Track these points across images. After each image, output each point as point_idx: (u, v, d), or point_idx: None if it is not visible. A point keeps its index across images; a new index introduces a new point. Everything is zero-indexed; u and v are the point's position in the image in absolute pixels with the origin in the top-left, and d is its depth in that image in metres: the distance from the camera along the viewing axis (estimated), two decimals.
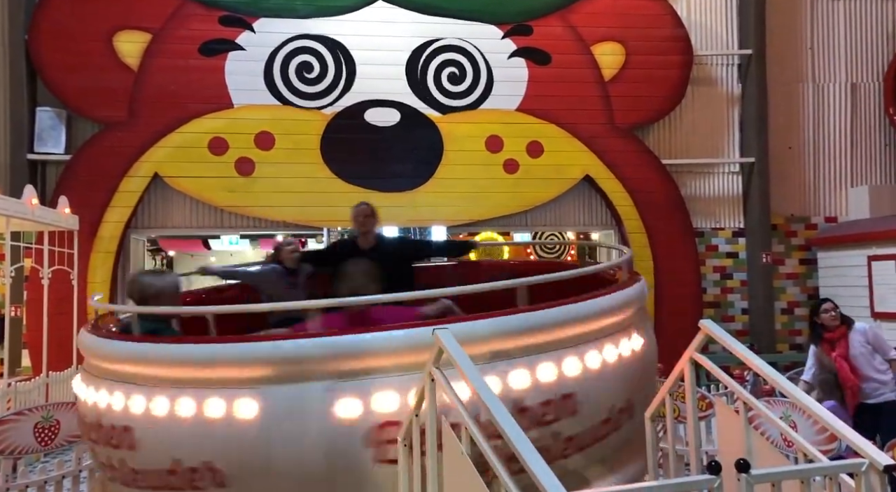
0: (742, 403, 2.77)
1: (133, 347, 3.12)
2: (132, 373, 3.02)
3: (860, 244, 9.02)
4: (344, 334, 2.89)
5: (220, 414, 2.75)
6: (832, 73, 10.12)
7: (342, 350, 2.76)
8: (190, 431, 2.78)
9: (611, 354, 3.10)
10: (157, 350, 3.00)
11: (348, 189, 8.71)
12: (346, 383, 2.71)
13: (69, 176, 8.29)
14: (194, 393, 2.80)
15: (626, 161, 9.18)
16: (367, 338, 2.80)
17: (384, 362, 2.74)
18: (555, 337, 2.93)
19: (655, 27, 9.36)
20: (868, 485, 2.09)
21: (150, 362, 2.98)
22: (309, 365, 2.75)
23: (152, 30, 8.53)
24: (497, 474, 1.94)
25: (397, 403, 2.67)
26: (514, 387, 2.76)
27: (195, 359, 2.90)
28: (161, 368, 2.94)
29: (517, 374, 2.78)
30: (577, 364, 2.94)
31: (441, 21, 9.09)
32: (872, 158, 10.12)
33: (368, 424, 2.67)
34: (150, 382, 2.93)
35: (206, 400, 2.77)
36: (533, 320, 2.90)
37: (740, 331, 9.40)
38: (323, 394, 2.69)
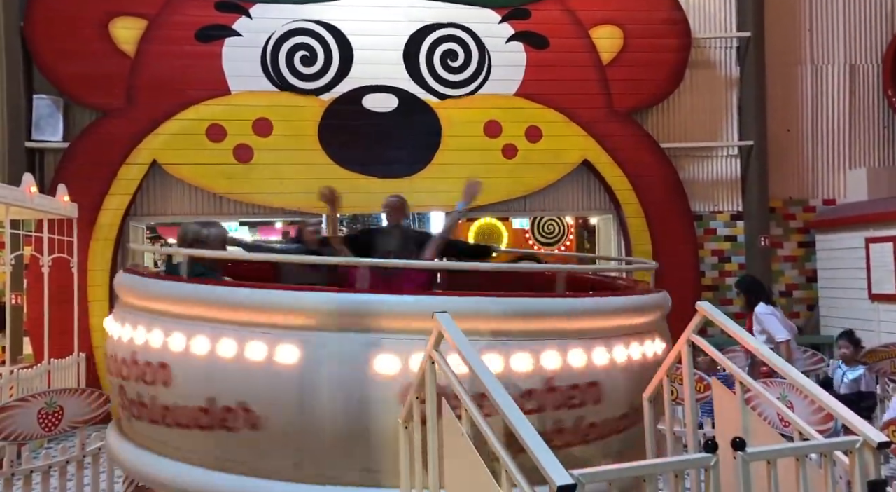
0: (738, 383, 2.80)
1: (181, 287, 3.27)
2: (176, 312, 3.16)
3: (858, 226, 9.04)
4: (383, 295, 3.02)
5: (260, 358, 2.88)
6: (831, 54, 10.09)
7: (383, 309, 2.92)
8: (229, 370, 2.90)
9: (636, 352, 3.23)
10: (205, 291, 3.16)
11: (347, 175, 8.71)
12: (387, 339, 2.84)
13: (67, 164, 8.27)
14: (236, 335, 2.94)
15: (624, 145, 9.17)
16: (408, 300, 2.99)
17: (421, 325, 2.79)
18: (585, 326, 3.15)
19: (654, 10, 9.31)
20: (862, 461, 2.12)
21: (195, 303, 3.14)
22: (350, 319, 2.89)
23: (148, 16, 8.48)
24: (497, 455, 1.97)
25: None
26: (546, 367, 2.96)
27: (241, 302, 3.04)
28: (206, 308, 3.09)
29: (549, 354, 2.99)
30: (605, 355, 3.12)
31: (438, 6, 9.03)
32: (871, 140, 10.11)
33: (402, 382, 2.76)
34: (193, 321, 3.08)
35: (247, 343, 2.90)
36: (572, 306, 3.21)
37: (738, 314, 9.42)
38: (363, 347, 2.82)
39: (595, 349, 3.08)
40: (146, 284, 3.44)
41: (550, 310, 3.10)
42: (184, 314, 3.12)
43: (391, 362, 2.81)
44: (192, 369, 2.99)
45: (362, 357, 2.81)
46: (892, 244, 8.49)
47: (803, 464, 2.20)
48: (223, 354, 2.92)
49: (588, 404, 3.00)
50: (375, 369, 2.80)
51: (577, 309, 3.18)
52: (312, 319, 2.89)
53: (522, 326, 2.98)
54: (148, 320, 3.23)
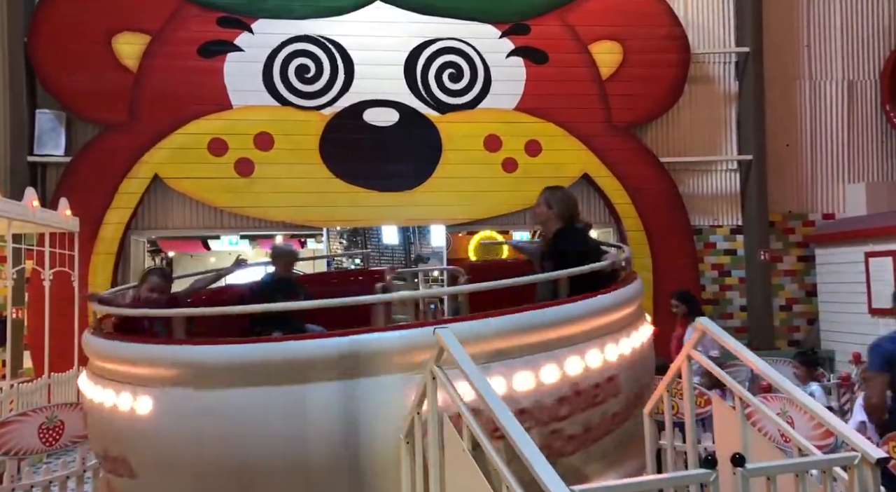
0: (738, 399, 2.81)
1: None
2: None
3: (857, 241, 9.05)
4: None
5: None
6: (829, 70, 10.16)
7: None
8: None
9: (625, 347, 3.25)
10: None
11: (348, 189, 8.75)
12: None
13: (69, 178, 8.31)
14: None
15: (624, 159, 9.21)
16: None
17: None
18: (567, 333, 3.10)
19: (653, 26, 9.39)
20: (861, 478, 2.13)
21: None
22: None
23: (151, 31, 8.56)
24: (498, 471, 1.98)
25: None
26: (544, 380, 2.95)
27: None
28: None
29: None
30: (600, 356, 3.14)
31: (439, 21, 9.11)
32: (869, 154, 10.16)
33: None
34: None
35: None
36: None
37: (739, 328, 9.44)
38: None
39: (607, 346, 3.14)
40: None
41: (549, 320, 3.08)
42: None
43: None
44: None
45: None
46: (891, 258, 8.50)
47: (803, 480, 2.21)
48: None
49: (609, 399, 3.06)
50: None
51: (574, 313, 3.12)
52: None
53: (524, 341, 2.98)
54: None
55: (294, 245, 5.08)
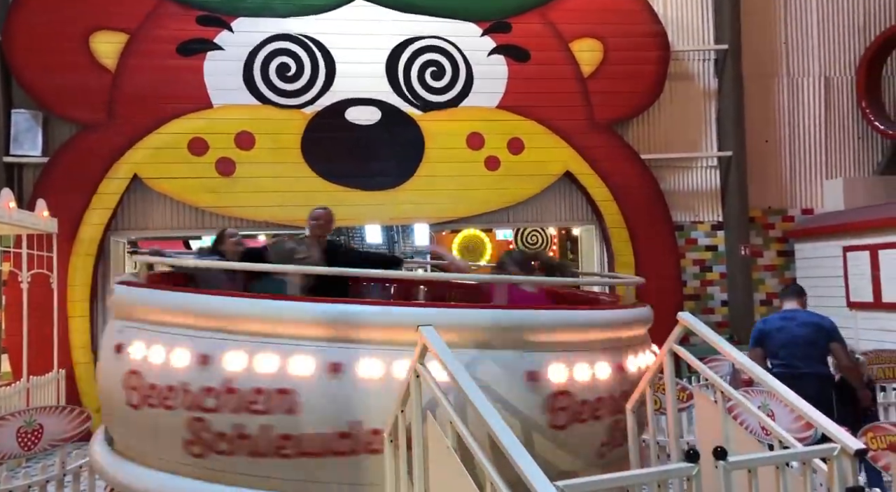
0: (720, 393, 2.84)
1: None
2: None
3: (835, 236, 9.18)
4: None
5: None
6: (806, 67, 10.28)
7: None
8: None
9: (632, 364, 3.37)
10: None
11: (330, 188, 8.71)
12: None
13: (47, 178, 8.20)
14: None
15: (605, 156, 9.25)
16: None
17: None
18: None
19: (633, 23, 9.44)
20: (840, 468, 2.15)
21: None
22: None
23: (129, 30, 8.45)
24: (482, 466, 1.98)
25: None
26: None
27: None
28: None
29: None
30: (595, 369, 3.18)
31: (420, 19, 9.10)
32: (846, 150, 10.29)
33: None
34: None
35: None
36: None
37: (720, 323, 9.54)
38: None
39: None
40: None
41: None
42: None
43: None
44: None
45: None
46: (868, 253, 8.63)
47: (783, 472, 2.23)
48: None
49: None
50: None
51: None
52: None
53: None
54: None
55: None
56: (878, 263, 8.48)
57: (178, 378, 3.02)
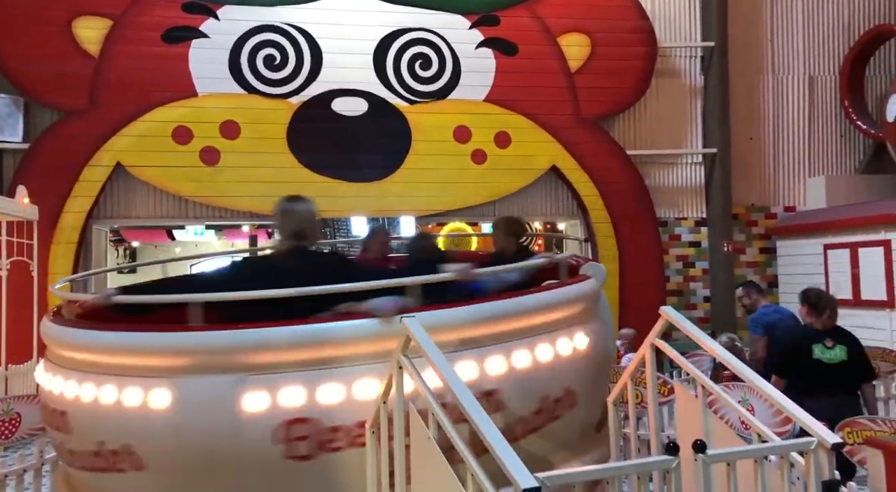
0: (700, 387, 2.86)
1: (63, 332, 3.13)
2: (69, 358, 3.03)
3: (817, 233, 9.28)
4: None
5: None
6: (791, 65, 10.36)
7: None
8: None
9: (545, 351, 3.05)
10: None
11: (315, 179, 8.67)
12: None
13: (28, 165, 8.09)
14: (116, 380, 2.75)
15: (591, 152, 9.28)
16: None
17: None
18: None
19: (620, 19, 9.46)
20: (817, 462, 2.18)
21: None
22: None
23: (113, 16, 8.35)
24: (464, 459, 1.99)
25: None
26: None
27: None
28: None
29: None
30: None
31: (408, 10, 9.06)
32: (829, 149, 10.40)
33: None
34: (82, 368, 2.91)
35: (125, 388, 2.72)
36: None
37: (702, 318, 9.62)
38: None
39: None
40: (48, 329, 3.31)
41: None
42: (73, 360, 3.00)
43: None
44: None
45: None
46: (848, 251, 8.73)
47: (762, 465, 2.26)
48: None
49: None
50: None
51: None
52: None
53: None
54: (52, 367, 3.14)
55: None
56: (858, 261, 8.59)
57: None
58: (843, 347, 4.52)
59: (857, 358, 4.58)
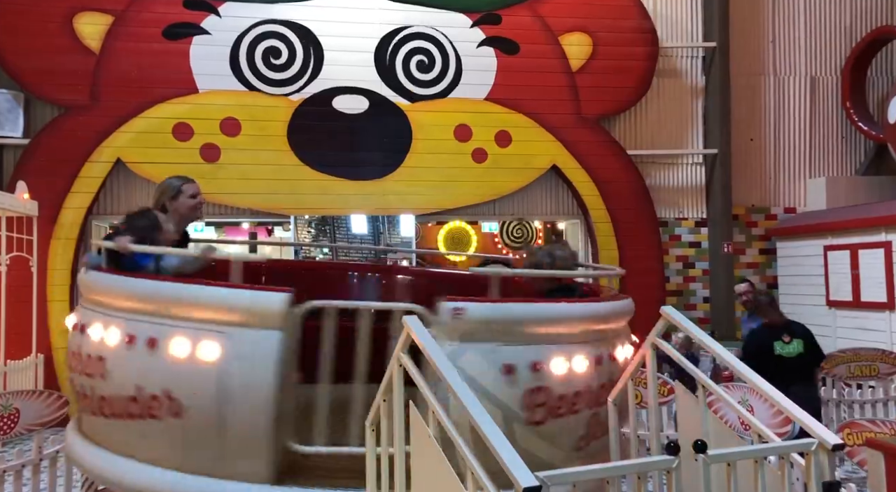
0: (701, 387, 2.85)
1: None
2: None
3: (817, 235, 9.27)
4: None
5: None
6: (793, 66, 10.35)
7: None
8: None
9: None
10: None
11: (316, 177, 8.66)
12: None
13: (28, 160, 8.08)
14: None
15: (592, 151, 9.27)
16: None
17: None
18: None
19: (622, 18, 9.45)
20: (817, 463, 2.18)
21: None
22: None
23: (114, 12, 8.33)
24: (463, 456, 1.98)
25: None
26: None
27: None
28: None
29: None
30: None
31: (410, 8, 9.04)
32: (830, 150, 10.39)
33: None
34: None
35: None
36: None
37: (702, 319, 9.62)
38: None
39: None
40: (90, 277, 3.46)
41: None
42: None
43: None
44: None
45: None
46: (848, 252, 8.72)
47: (762, 466, 2.25)
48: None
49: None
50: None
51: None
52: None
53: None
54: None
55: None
56: (858, 262, 8.58)
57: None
58: (799, 341, 5.23)
59: (812, 348, 5.32)
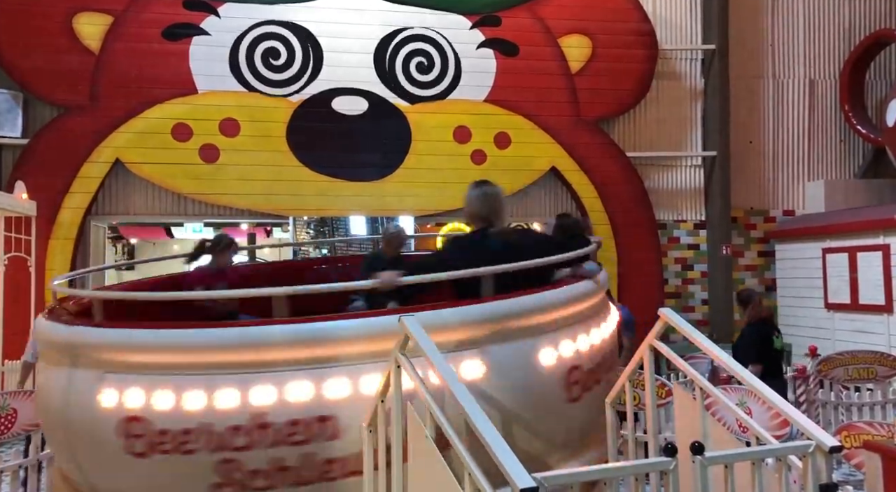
0: (699, 389, 2.85)
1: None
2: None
3: (815, 237, 9.28)
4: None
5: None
6: (792, 69, 10.36)
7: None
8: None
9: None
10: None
11: (315, 177, 8.66)
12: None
13: (27, 160, 8.08)
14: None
15: (591, 153, 9.28)
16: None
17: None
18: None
19: (622, 21, 9.46)
20: (814, 465, 2.18)
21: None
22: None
23: (114, 12, 8.34)
24: (460, 457, 1.98)
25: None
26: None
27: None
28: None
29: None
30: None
31: (409, 10, 9.05)
32: (828, 153, 10.40)
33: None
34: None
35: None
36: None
37: (700, 321, 9.61)
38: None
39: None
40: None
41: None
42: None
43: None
44: None
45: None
46: (847, 255, 8.73)
47: (759, 468, 2.25)
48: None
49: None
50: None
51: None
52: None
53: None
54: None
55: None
56: (857, 265, 8.59)
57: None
58: (781, 337, 5.80)
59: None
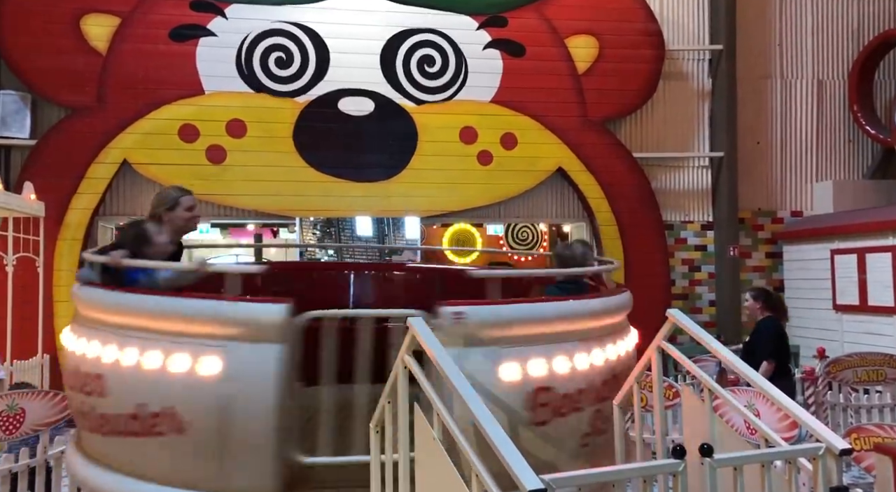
0: (707, 391, 2.84)
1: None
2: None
3: (823, 238, 9.23)
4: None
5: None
6: (800, 69, 10.31)
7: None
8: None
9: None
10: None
11: (321, 178, 8.67)
12: None
13: (35, 161, 8.11)
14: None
15: (598, 154, 9.25)
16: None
17: None
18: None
19: (628, 21, 9.43)
20: (825, 468, 2.16)
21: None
22: None
23: (121, 13, 8.37)
24: (468, 460, 1.97)
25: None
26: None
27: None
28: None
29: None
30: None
31: (416, 11, 9.05)
32: (837, 153, 10.34)
33: None
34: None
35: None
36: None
37: (708, 322, 9.57)
38: None
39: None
40: (85, 293, 3.45)
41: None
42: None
43: None
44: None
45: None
46: (855, 256, 8.68)
47: (768, 470, 2.24)
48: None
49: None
50: None
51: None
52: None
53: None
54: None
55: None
56: (865, 266, 8.53)
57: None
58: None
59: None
